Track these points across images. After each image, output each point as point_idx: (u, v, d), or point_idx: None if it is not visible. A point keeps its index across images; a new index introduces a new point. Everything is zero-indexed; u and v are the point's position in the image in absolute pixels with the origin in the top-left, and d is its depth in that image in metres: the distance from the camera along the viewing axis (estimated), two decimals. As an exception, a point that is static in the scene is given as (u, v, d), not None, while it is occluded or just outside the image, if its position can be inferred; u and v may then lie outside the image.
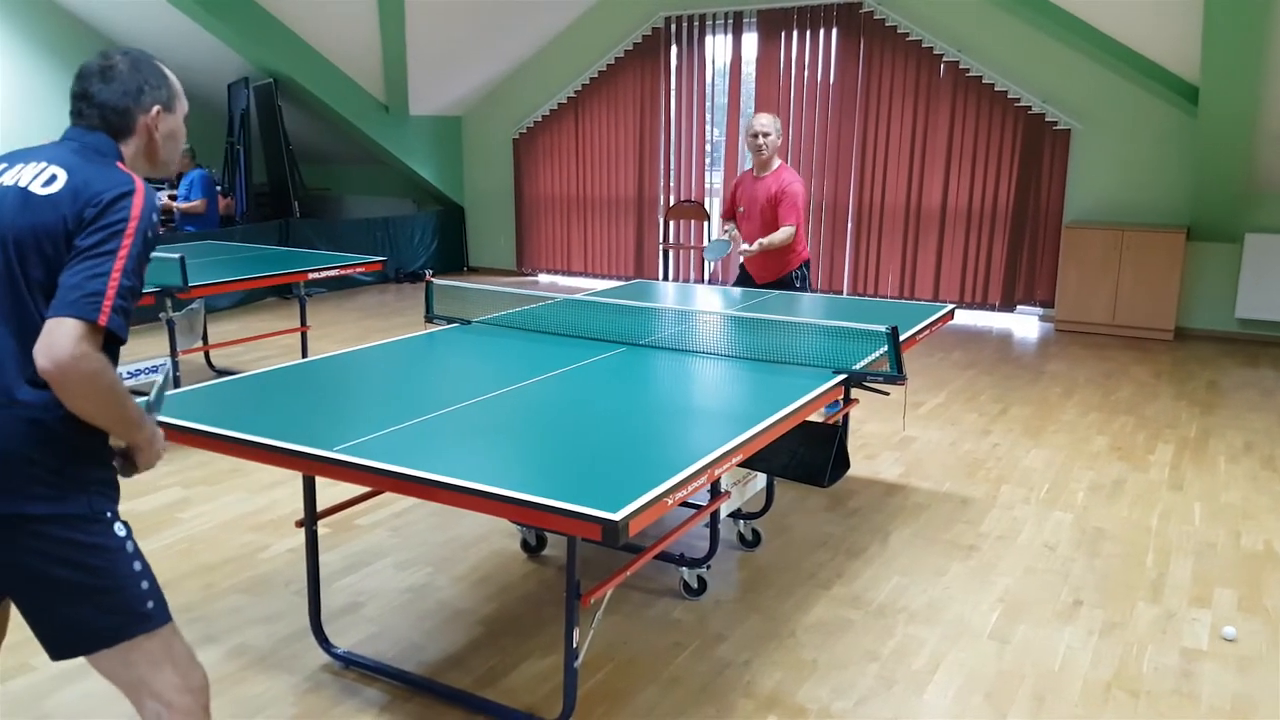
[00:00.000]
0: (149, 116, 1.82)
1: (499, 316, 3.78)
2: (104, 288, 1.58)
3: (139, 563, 1.72)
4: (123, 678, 1.73)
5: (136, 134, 1.82)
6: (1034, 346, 7.37)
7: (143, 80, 1.82)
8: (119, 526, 1.71)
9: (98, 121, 1.79)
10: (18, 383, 1.62)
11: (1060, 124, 7.78)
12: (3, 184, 1.73)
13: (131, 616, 1.69)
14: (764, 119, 4.95)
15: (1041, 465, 4.62)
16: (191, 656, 1.80)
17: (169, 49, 9.96)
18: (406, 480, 2.09)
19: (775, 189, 4.92)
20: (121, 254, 1.62)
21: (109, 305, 1.58)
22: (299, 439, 2.29)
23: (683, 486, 2.08)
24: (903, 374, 3.05)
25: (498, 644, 2.93)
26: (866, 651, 2.92)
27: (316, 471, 2.25)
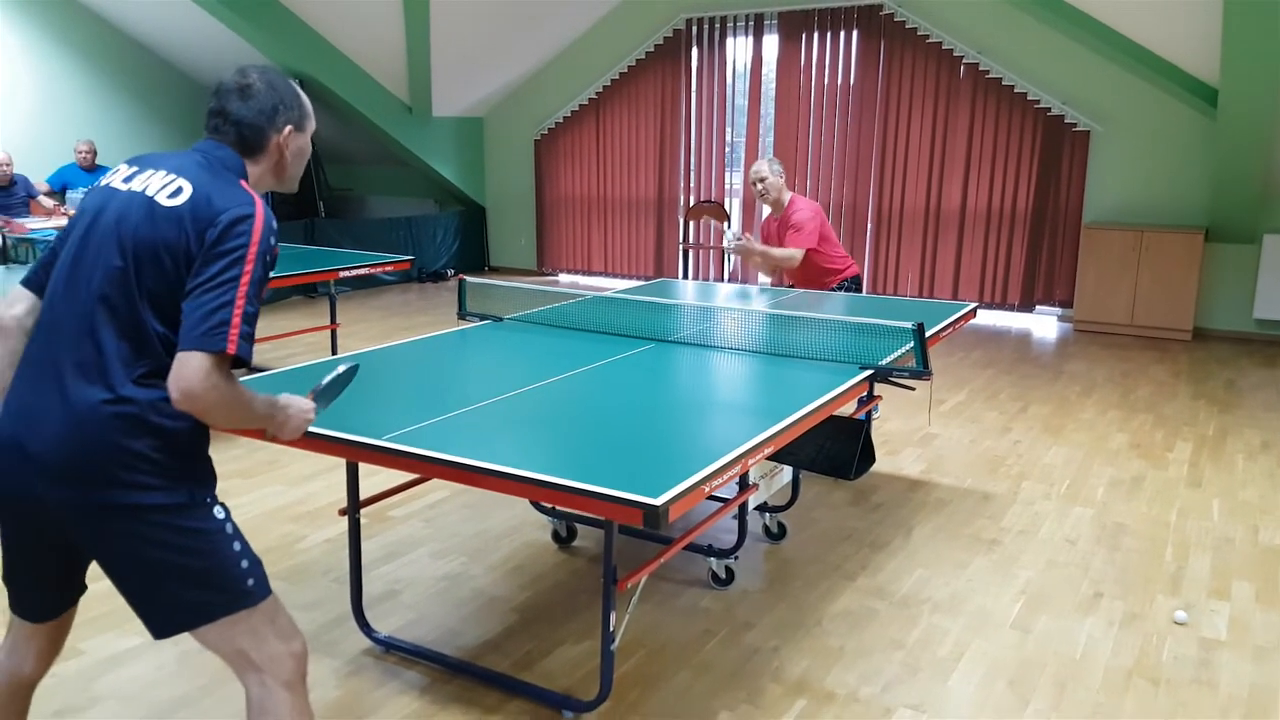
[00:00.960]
0: (281, 135, 1.89)
1: (530, 314, 3.87)
2: (229, 317, 1.65)
3: (238, 543, 1.80)
4: (225, 650, 1.81)
5: (268, 152, 1.90)
6: (1053, 346, 7.41)
7: (278, 100, 1.89)
8: (218, 510, 1.80)
9: (233, 138, 1.87)
10: (123, 383, 1.69)
11: (1080, 126, 7.82)
12: (131, 189, 1.79)
13: (233, 594, 1.77)
14: (757, 165, 5.09)
15: (1061, 462, 4.68)
16: (292, 626, 1.88)
17: (194, 48, 10.13)
18: (455, 467, 2.18)
19: (786, 220, 5.10)
20: (244, 281, 1.68)
21: (235, 334, 1.65)
22: (345, 428, 2.39)
23: (718, 475, 2.16)
24: (929, 369, 3.13)
25: (532, 630, 3.02)
26: (892, 640, 2.99)
27: (367, 459, 2.34)
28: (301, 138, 1.94)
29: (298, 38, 8.74)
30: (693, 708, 2.62)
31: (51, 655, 2.00)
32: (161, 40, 10.33)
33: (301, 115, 1.94)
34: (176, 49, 10.42)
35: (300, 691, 1.86)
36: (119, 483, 1.69)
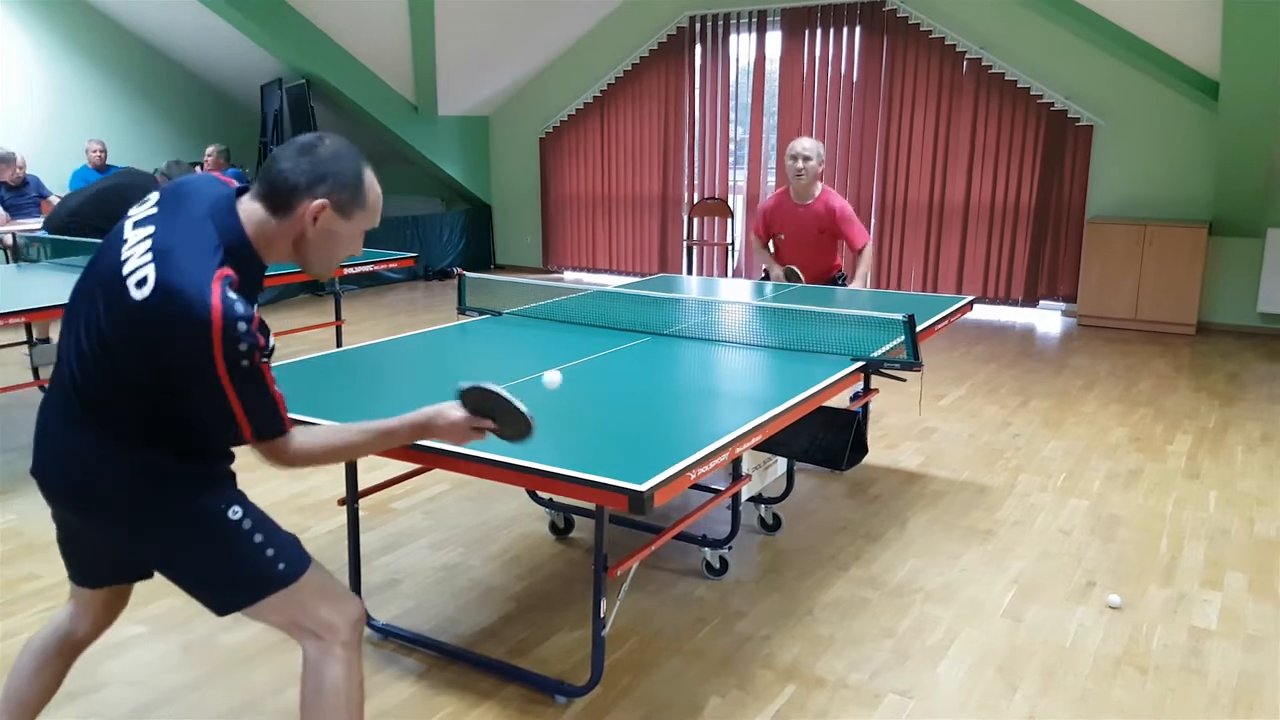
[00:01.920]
0: (313, 204, 1.72)
1: (529, 309, 3.92)
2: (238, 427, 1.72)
3: (259, 534, 1.86)
4: (278, 622, 1.90)
5: (293, 218, 1.74)
6: (1056, 341, 7.42)
7: (331, 170, 1.73)
8: (233, 511, 1.84)
9: (264, 188, 1.74)
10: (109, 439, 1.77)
11: (1083, 120, 7.83)
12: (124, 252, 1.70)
13: (266, 580, 1.85)
14: (806, 142, 4.87)
15: (1060, 455, 4.70)
16: (343, 591, 1.96)
17: (203, 50, 10.21)
18: (448, 456, 2.23)
19: (828, 217, 4.90)
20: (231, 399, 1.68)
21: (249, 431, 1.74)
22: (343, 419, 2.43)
23: (704, 463, 2.21)
24: (919, 361, 3.16)
25: (528, 618, 3.07)
26: (883, 628, 3.03)
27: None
28: (339, 222, 1.77)
29: (305, 38, 8.81)
30: (683, 693, 2.66)
31: (106, 623, 2.10)
32: (171, 42, 10.43)
33: (351, 199, 1.76)
34: (186, 50, 10.51)
35: (356, 651, 1.93)
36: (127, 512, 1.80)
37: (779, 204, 5.05)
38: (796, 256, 5.06)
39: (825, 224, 4.94)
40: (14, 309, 4.22)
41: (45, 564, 3.45)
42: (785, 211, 5.03)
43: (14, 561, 3.48)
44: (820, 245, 5.01)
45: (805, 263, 5.06)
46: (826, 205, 4.93)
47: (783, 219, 5.04)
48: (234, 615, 1.91)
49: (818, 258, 5.05)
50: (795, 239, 5.02)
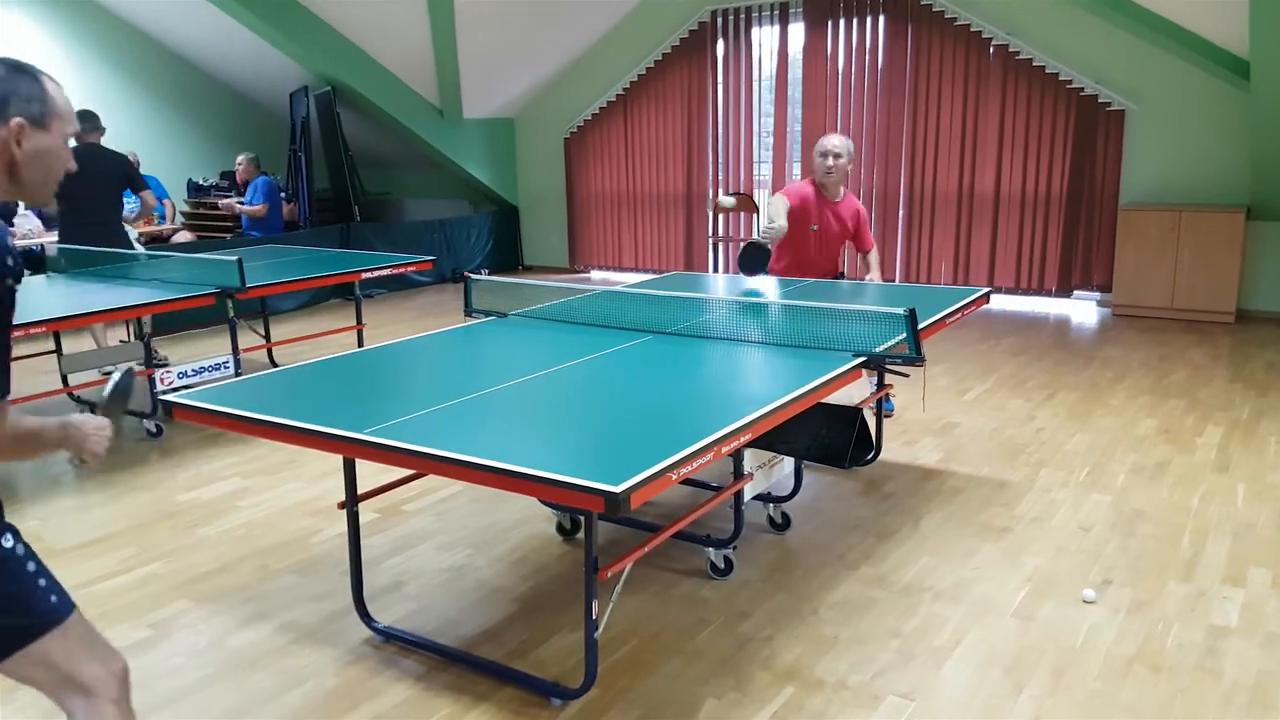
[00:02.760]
0: (7, 128, 1.65)
1: (534, 310, 3.91)
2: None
3: (32, 563, 1.74)
4: (43, 679, 1.76)
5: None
6: (1089, 332, 7.27)
7: (10, 90, 1.67)
8: (6, 538, 1.71)
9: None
10: None
11: (1114, 105, 7.66)
12: None
13: (41, 613, 1.73)
14: (836, 140, 4.85)
15: (1084, 449, 4.60)
16: (108, 644, 1.85)
17: (232, 60, 10.37)
18: (422, 457, 2.22)
19: (853, 219, 5.06)
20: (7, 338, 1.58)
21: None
22: (333, 423, 2.45)
23: (687, 462, 2.18)
24: (921, 356, 3.10)
25: (531, 619, 3.06)
26: (888, 628, 2.97)
27: (347, 452, 2.40)
28: (43, 137, 1.69)
29: (330, 45, 8.90)
30: (680, 695, 2.63)
31: None
32: (201, 53, 10.59)
33: (43, 110, 1.69)
34: (216, 61, 10.68)
35: (126, 709, 1.83)
36: None
37: (814, 196, 4.96)
38: (821, 252, 5.06)
39: (848, 224, 5.07)
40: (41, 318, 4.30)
41: (64, 568, 3.51)
42: (819, 206, 4.99)
43: (32, 567, 3.54)
44: (840, 244, 5.15)
45: (824, 260, 5.09)
46: (852, 206, 5.09)
47: (818, 213, 5.00)
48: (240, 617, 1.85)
49: (834, 256, 5.15)
50: (827, 234, 5.02)
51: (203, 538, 3.77)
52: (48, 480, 4.43)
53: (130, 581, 3.40)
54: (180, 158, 10.83)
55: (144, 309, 4.71)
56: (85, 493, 4.28)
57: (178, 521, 3.93)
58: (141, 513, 4.04)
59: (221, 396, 2.76)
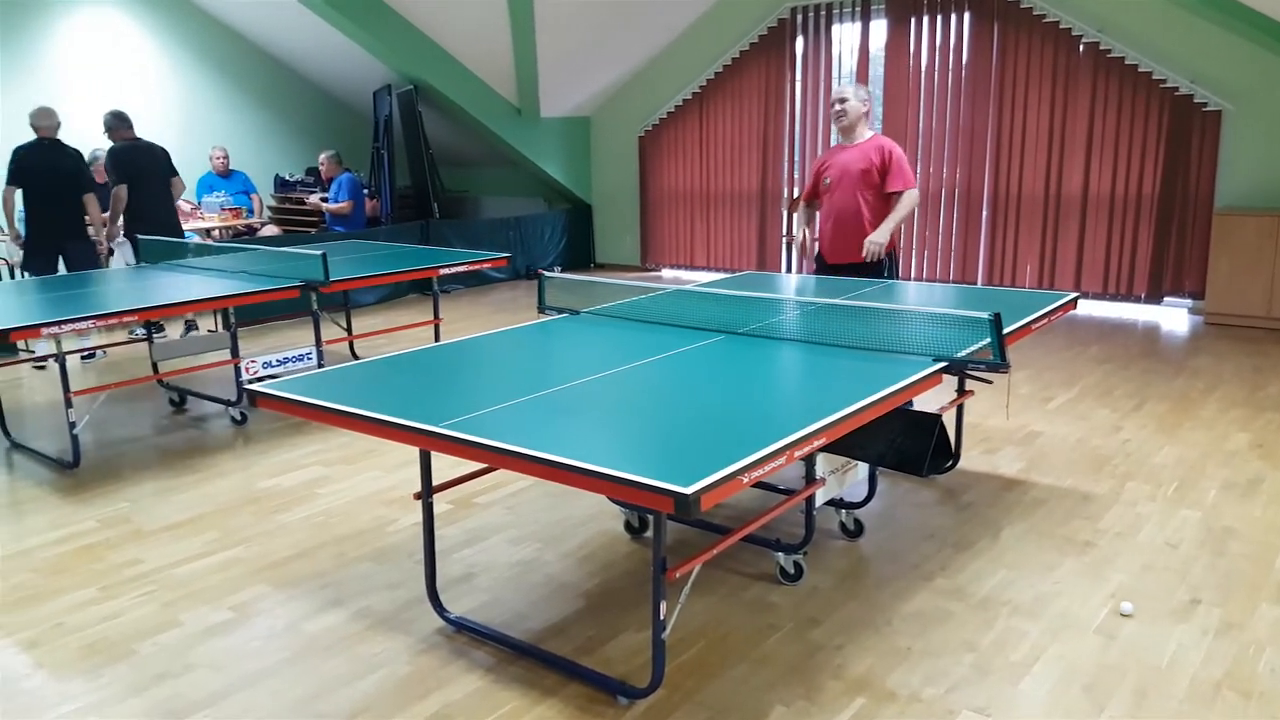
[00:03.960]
0: None
1: (606, 307, 3.92)
2: None
3: None
4: None
5: None
6: (1179, 340, 7.01)
7: None
8: None
9: None
10: None
11: (1210, 105, 7.37)
12: None
13: None
14: (841, 88, 4.80)
15: (1173, 462, 4.43)
16: None
17: (319, 59, 10.61)
18: (496, 452, 2.24)
19: (877, 156, 4.68)
20: None
21: None
22: (411, 416, 2.48)
23: (759, 465, 2.15)
24: (1006, 362, 3.02)
25: (598, 617, 3.07)
26: (964, 642, 2.90)
27: (425, 445, 2.43)
28: None
29: (413, 44, 9.05)
30: (747, 700, 2.61)
31: None
32: (291, 51, 10.87)
33: None
34: (304, 59, 10.94)
35: None
36: None
37: (829, 151, 4.96)
38: (839, 199, 4.78)
39: (871, 161, 4.70)
40: (134, 307, 4.45)
41: (150, 549, 3.63)
42: (833, 155, 4.89)
43: (120, 546, 3.68)
44: (859, 186, 4.73)
45: (843, 208, 4.78)
46: (877, 145, 4.74)
47: (830, 164, 4.87)
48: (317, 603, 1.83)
49: (851, 202, 4.73)
50: (840, 181, 4.78)
51: (282, 524, 3.86)
52: (138, 464, 4.59)
53: (213, 565, 3.50)
54: (268, 154, 11.13)
55: (232, 300, 4.85)
56: (172, 477, 4.42)
57: (259, 507, 4.04)
58: (225, 498, 4.16)
59: (306, 387, 2.82)
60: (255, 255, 5.85)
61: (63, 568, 3.50)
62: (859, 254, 4.78)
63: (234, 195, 9.42)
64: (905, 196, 4.71)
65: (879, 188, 4.74)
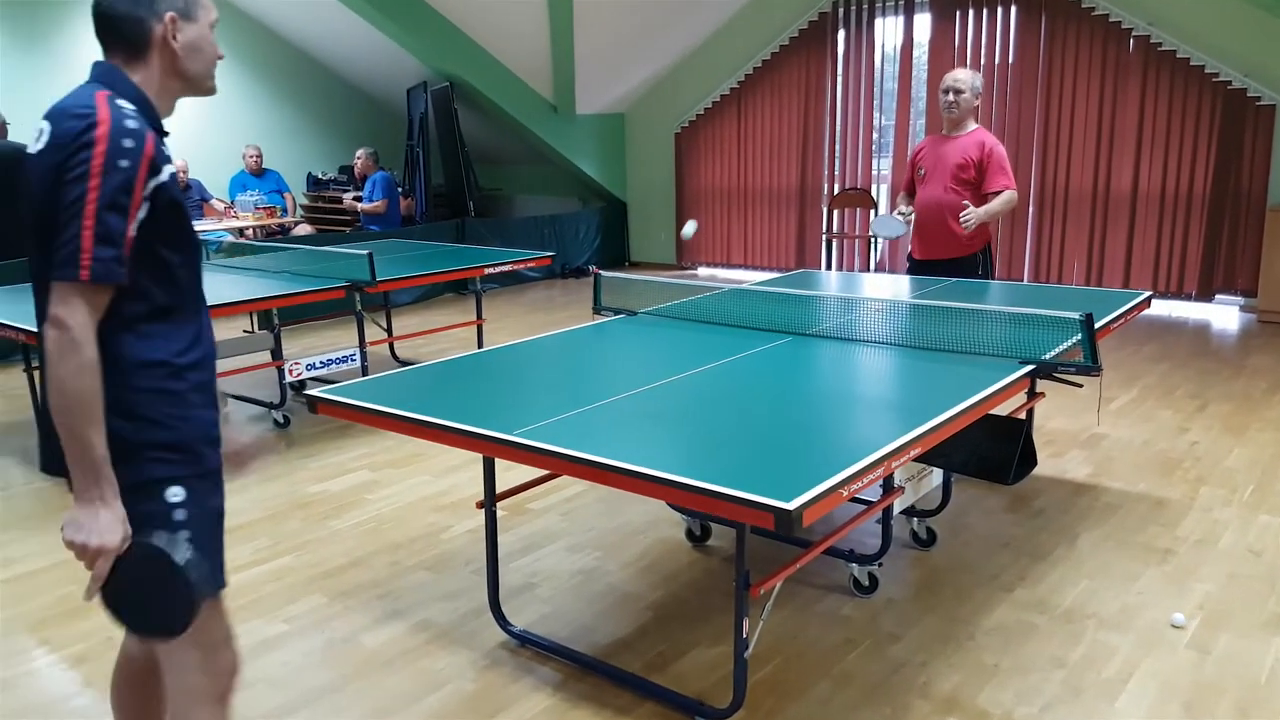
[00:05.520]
0: (164, 24, 1.65)
1: (664, 308, 3.80)
2: (79, 242, 1.48)
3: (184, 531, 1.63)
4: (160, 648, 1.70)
5: (154, 48, 1.66)
6: (1234, 339, 6.82)
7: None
8: (173, 492, 1.63)
9: (113, 40, 1.66)
10: None
11: (1263, 100, 7.17)
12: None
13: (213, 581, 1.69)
14: (959, 74, 4.47)
15: (1245, 465, 4.27)
16: (226, 639, 1.77)
17: (353, 56, 10.56)
18: (582, 464, 2.13)
19: (976, 151, 4.42)
20: (90, 199, 1.49)
21: (88, 258, 1.48)
22: (480, 423, 2.38)
23: (858, 479, 2.03)
24: (1098, 365, 2.88)
25: (665, 630, 2.96)
26: (1052, 657, 2.77)
27: (497, 454, 2.33)
28: (193, 28, 1.69)
29: (448, 41, 8.97)
30: (832, 720, 2.49)
31: None
32: (324, 48, 10.82)
33: (188, 1, 1.69)
34: (337, 56, 10.89)
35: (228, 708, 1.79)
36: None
37: (928, 141, 4.70)
38: (929, 193, 4.53)
39: (969, 157, 4.43)
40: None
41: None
42: (932, 146, 4.63)
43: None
44: (958, 183, 4.46)
45: (934, 210, 4.52)
46: (976, 140, 4.47)
47: (927, 153, 4.63)
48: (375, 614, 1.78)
49: (944, 196, 4.46)
50: (934, 174, 4.54)
51: (334, 530, 3.78)
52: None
53: (265, 573, 3.41)
54: (300, 152, 11.09)
55: (278, 300, 4.76)
56: (218, 481, 4.34)
57: (309, 513, 3.96)
58: (273, 503, 4.08)
59: (367, 392, 2.72)
60: (295, 254, 5.78)
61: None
62: (947, 250, 4.56)
63: (267, 194, 9.38)
64: (1003, 195, 4.44)
65: (975, 186, 4.47)
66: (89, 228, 1.49)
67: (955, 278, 4.53)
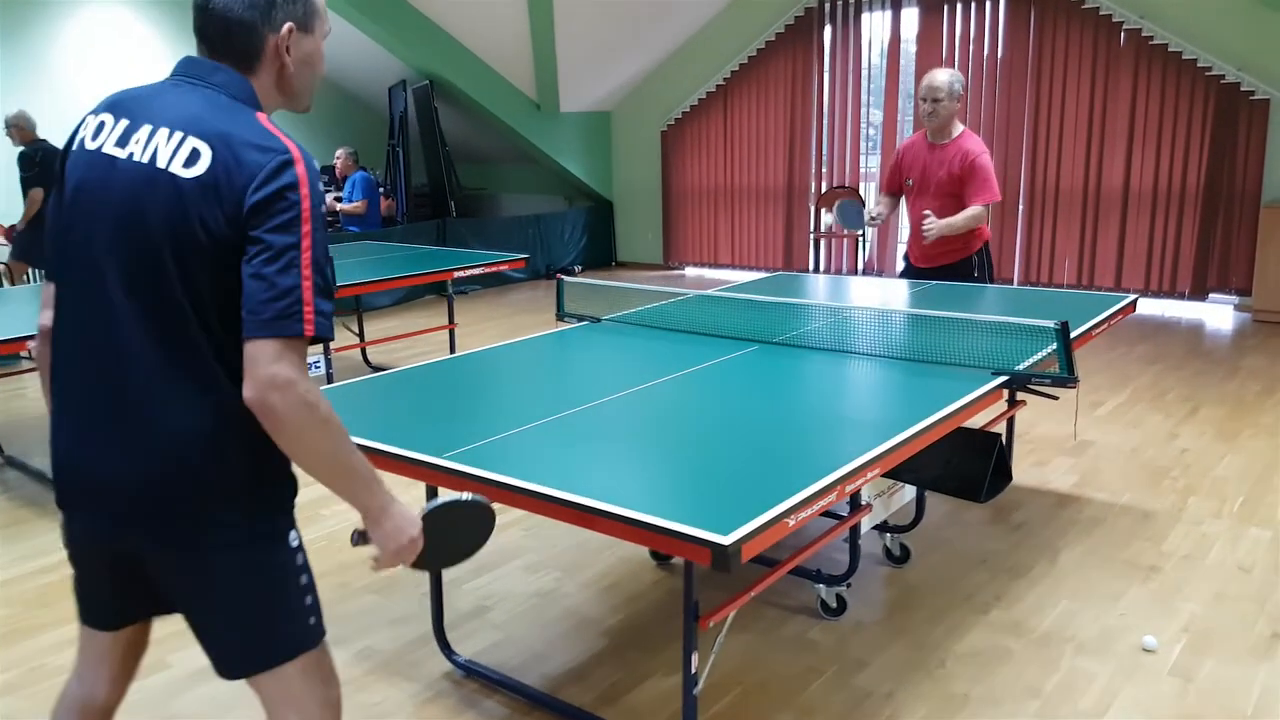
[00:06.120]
0: (280, 35, 1.51)
1: (629, 314, 3.65)
2: (299, 294, 1.38)
3: (306, 575, 1.60)
4: (274, 692, 1.60)
5: (266, 60, 1.52)
6: (1228, 339, 6.68)
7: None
8: (293, 536, 1.58)
9: (220, 45, 1.51)
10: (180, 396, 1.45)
11: (1257, 94, 7.02)
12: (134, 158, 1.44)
13: (300, 635, 1.59)
14: (937, 79, 4.21)
15: (1236, 474, 4.12)
16: (334, 669, 1.70)
17: (333, 53, 10.37)
18: (509, 490, 1.98)
19: (958, 163, 4.21)
20: (306, 247, 1.39)
21: (310, 313, 1.39)
22: (409, 443, 2.23)
23: (807, 505, 1.88)
24: (1074, 376, 2.73)
25: (622, 658, 2.80)
26: (1027, 686, 2.62)
27: (422, 478, 2.18)
28: (308, 40, 1.56)
29: (429, 39, 8.82)
30: (790, 759, 2.34)
31: (125, 681, 1.80)
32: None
33: (307, 11, 1.55)
34: (317, 55, 10.71)
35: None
36: (188, 516, 1.48)
37: (913, 144, 4.44)
38: (921, 206, 4.32)
39: (951, 169, 4.23)
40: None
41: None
42: (917, 152, 4.38)
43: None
44: (950, 197, 4.25)
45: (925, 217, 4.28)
46: (960, 148, 4.21)
47: (913, 161, 4.39)
48: None
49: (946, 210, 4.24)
50: (923, 185, 4.33)
51: (284, 549, 3.61)
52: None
53: (208, 595, 3.25)
54: (281, 152, 10.91)
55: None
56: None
57: (260, 530, 3.80)
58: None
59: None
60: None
61: (45, 601, 3.27)
62: (947, 257, 4.37)
63: (247, 196, 9.21)
64: (969, 211, 4.19)
65: (960, 197, 4.26)
66: (309, 278, 1.40)
67: (951, 280, 4.35)
